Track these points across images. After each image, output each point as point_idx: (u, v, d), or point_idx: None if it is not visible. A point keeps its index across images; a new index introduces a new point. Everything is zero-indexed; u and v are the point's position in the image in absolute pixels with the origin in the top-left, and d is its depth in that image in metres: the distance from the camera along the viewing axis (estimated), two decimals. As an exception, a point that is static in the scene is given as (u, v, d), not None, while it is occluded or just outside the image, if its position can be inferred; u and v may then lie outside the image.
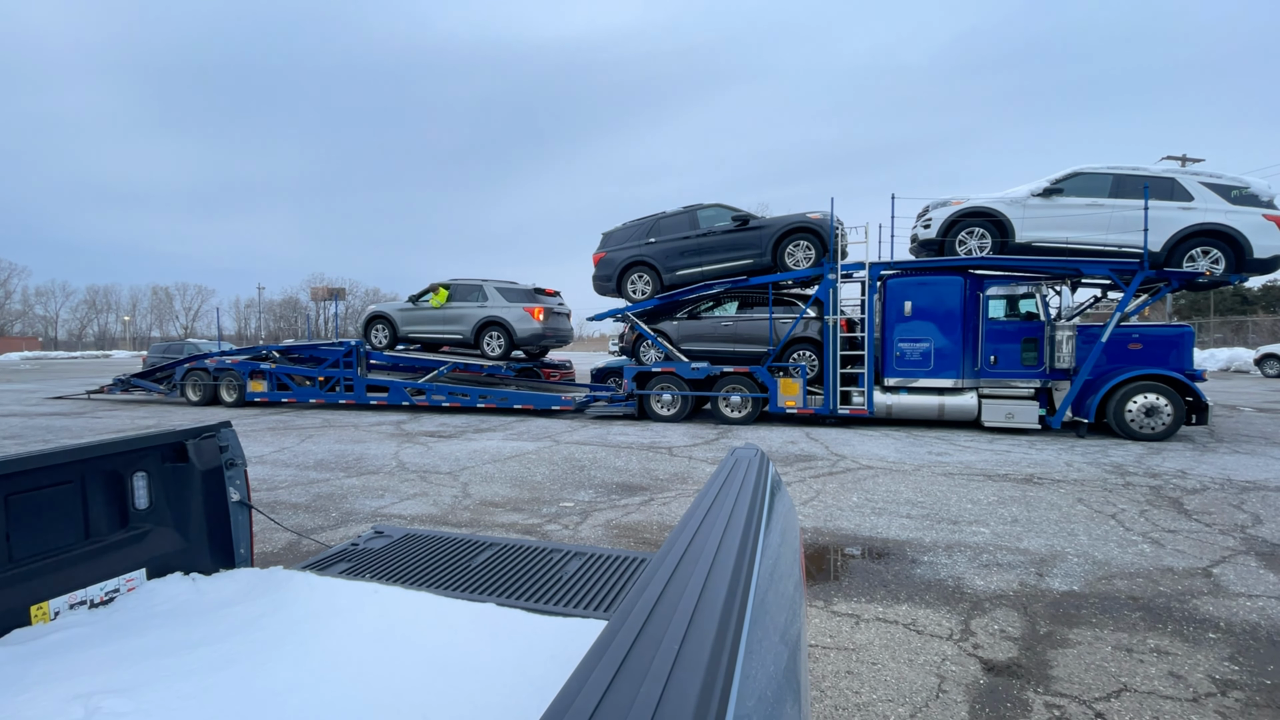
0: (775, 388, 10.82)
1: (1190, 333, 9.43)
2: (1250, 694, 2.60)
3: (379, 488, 6.38)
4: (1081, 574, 3.96)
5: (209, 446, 2.21)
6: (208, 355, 15.48)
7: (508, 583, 2.13)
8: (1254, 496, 5.75)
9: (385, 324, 14.00)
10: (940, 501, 5.68)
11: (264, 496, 6.04)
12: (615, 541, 4.67)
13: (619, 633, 0.69)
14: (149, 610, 1.87)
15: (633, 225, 12.30)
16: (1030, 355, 9.78)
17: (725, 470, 1.41)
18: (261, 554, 4.41)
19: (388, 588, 2.02)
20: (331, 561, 2.36)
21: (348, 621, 1.78)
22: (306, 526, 5.08)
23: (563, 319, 13.88)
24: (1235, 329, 35.83)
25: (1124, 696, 2.60)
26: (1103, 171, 9.64)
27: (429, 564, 2.35)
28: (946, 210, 10.29)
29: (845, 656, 2.95)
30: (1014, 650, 3.00)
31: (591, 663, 0.62)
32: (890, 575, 3.96)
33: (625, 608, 0.76)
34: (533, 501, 5.80)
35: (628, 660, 0.62)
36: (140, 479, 2.06)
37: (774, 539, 1.16)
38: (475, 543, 2.59)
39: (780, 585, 1.07)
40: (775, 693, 0.77)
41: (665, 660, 0.62)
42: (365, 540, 2.64)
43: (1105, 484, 6.31)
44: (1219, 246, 9.11)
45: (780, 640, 0.92)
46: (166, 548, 2.14)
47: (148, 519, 2.10)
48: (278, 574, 2.13)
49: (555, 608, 1.92)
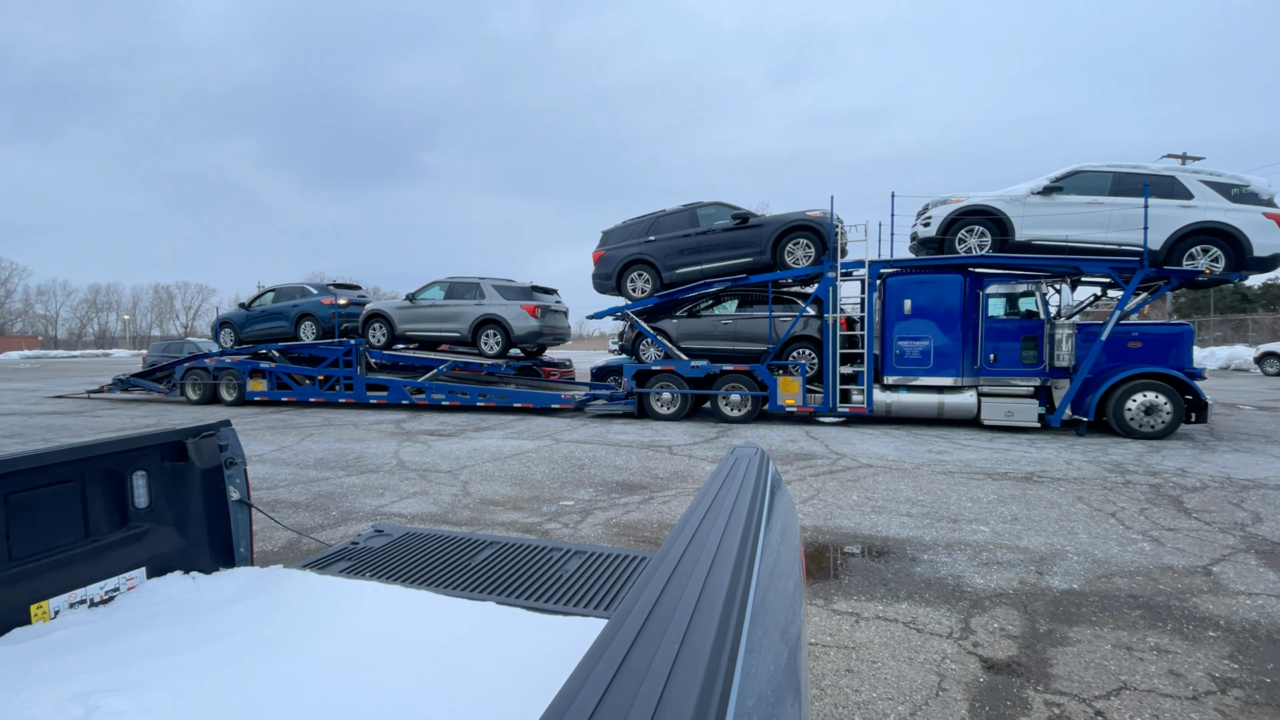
0: (775, 386, 10.81)
1: (1189, 331, 9.44)
2: (1250, 692, 2.61)
3: (379, 486, 6.38)
4: (1081, 572, 3.96)
5: (209, 445, 2.20)
6: (207, 355, 15.47)
7: (508, 582, 2.13)
8: (1254, 495, 5.75)
9: (383, 322, 13.99)
10: (940, 500, 5.68)
11: (264, 495, 6.04)
12: (615, 540, 4.67)
13: (619, 632, 0.69)
14: (149, 609, 1.87)
15: (632, 223, 12.29)
16: (1030, 353, 9.78)
17: (725, 469, 1.41)
18: (262, 553, 4.41)
19: (387, 586, 2.01)
20: (331, 560, 2.35)
21: (347, 620, 1.77)
22: (307, 525, 5.08)
23: (560, 317, 13.87)
24: (1235, 327, 35.84)
25: (1124, 695, 2.61)
26: (1103, 170, 9.63)
27: (429, 563, 2.34)
28: (946, 208, 10.29)
29: (845, 655, 2.95)
30: (1014, 648, 3.01)
31: (591, 662, 0.62)
32: (890, 574, 3.96)
33: (625, 607, 0.75)
34: (533, 500, 5.80)
35: (628, 659, 0.62)
36: (140, 478, 2.05)
37: (774, 538, 1.16)
38: (475, 541, 2.58)
39: (780, 584, 1.07)
40: (775, 692, 0.77)
41: (665, 660, 0.62)
42: (365, 539, 2.64)
43: (1105, 482, 6.31)
44: (1219, 244, 9.11)
45: (780, 639, 0.92)
46: (166, 546, 2.13)
47: (147, 518, 2.09)
48: (277, 573, 2.12)
49: (555, 606, 1.92)
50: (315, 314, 14.48)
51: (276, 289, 15.42)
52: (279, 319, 14.94)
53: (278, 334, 15.02)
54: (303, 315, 14.68)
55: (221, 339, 14.88)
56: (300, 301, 14.81)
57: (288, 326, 14.81)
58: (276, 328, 15.00)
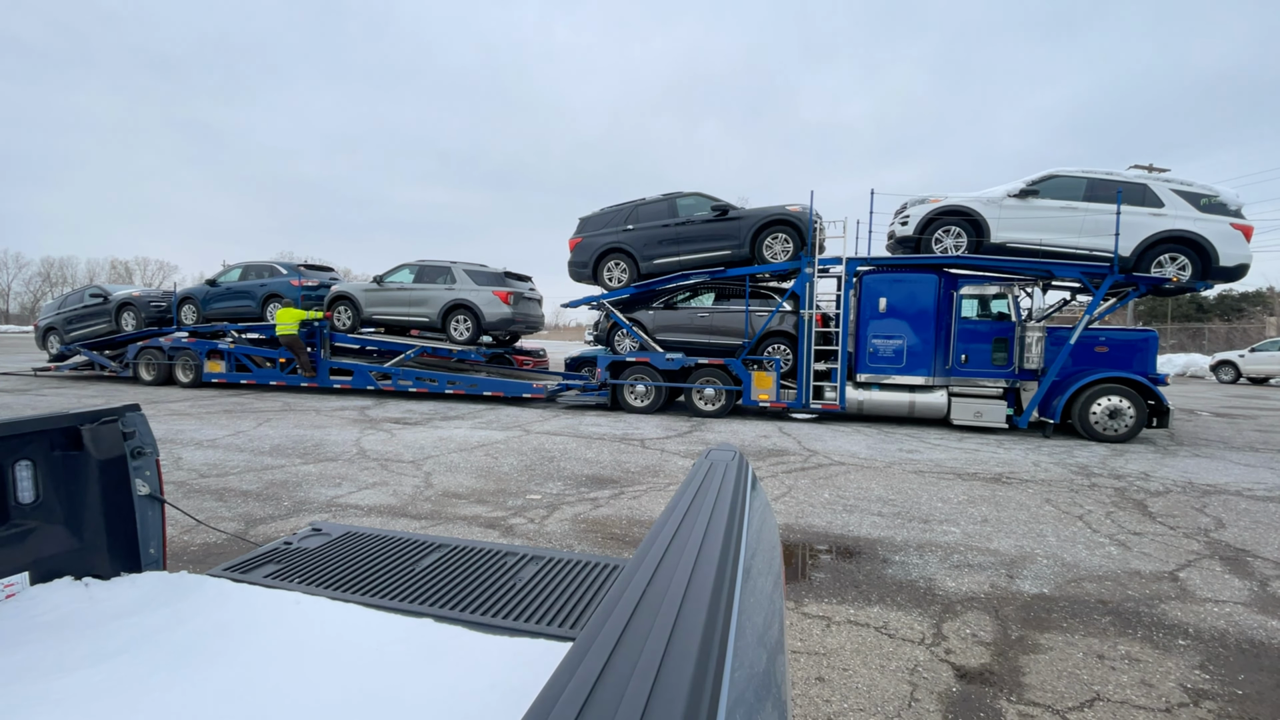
0: (749, 381, 10.75)
1: (1154, 337, 9.61)
2: (1223, 704, 2.56)
3: (336, 476, 6.11)
4: (1051, 576, 3.93)
5: (109, 433, 1.95)
6: (162, 332, 14.77)
7: (452, 592, 1.93)
8: (1216, 500, 5.83)
9: (349, 305, 13.52)
10: (911, 500, 5.64)
11: (213, 483, 5.73)
12: (583, 537, 4.51)
13: (585, 657, 0.58)
14: (28, 621, 1.62)
15: (611, 211, 12.06)
16: (1000, 355, 9.87)
17: (701, 473, 1.26)
18: (203, 547, 4.15)
19: (311, 597, 1.79)
20: (257, 564, 2.11)
21: (259, 637, 1.55)
22: (256, 516, 4.81)
23: (534, 305, 13.59)
24: (1192, 335, 37.06)
25: (1097, 706, 2.54)
26: (1077, 175, 9.72)
27: (366, 568, 2.11)
28: (924, 208, 10.29)
29: (816, 662, 2.84)
30: (986, 656, 2.93)
31: (551, 697, 0.51)
32: (862, 575, 3.88)
33: (593, 628, 0.64)
34: (498, 493, 5.60)
35: (595, 694, 0.52)
36: (24, 468, 1.80)
37: (758, 555, 1.01)
38: (423, 544, 2.37)
39: (765, 607, 0.93)
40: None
41: (639, 693, 0.52)
42: (300, 539, 2.39)
43: (1071, 485, 6.36)
44: (1186, 253, 9.26)
45: (765, 671, 0.78)
46: (56, 548, 1.88)
47: (33, 514, 1.84)
48: (185, 579, 1.88)
49: (506, 623, 1.72)
50: (284, 295, 13.87)
51: (245, 265, 14.69)
52: (245, 298, 14.28)
53: (243, 313, 14.37)
54: (271, 295, 14.03)
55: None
56: (269, 281, 14.17)
57: (254, 306, 14.16)
58: (241, 306, 14.33)
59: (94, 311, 15.36)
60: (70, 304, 15.89)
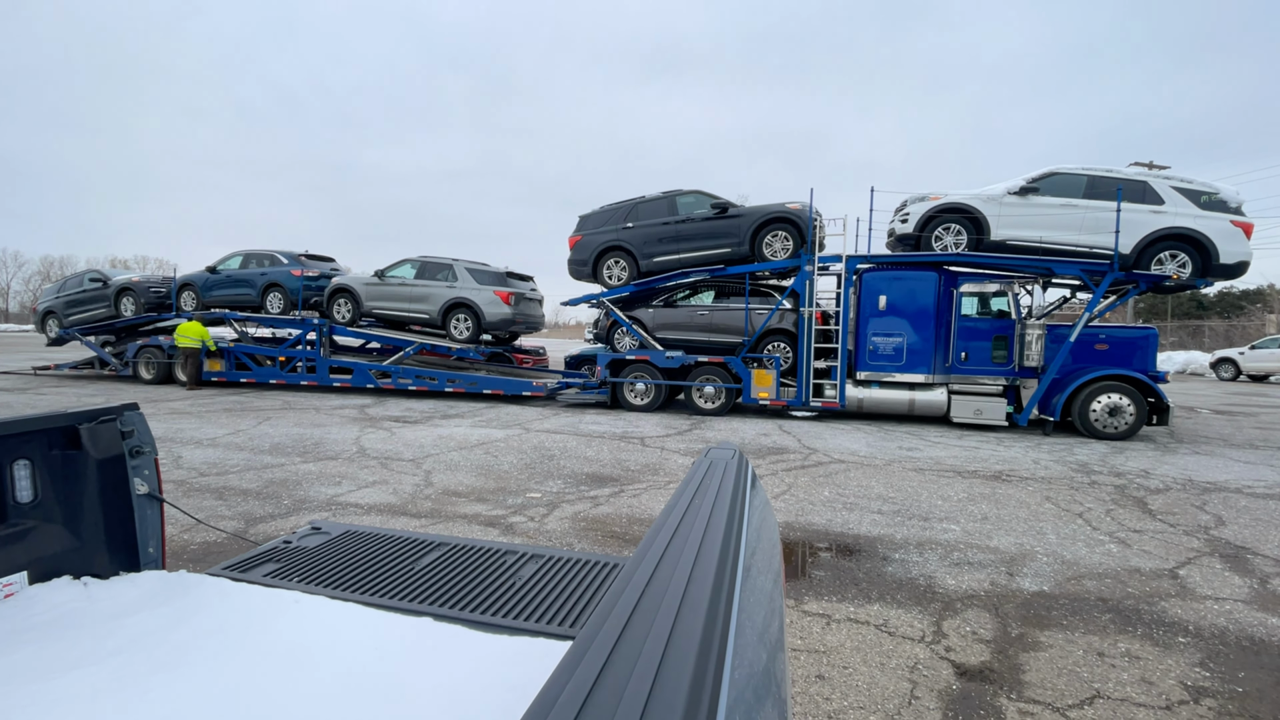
0: (749, 379, 10.74)
1: (1154, 335, 9.60)
2: (1223, 702, 2.56)
3: (336, 474, 6.11)
4: (1051, 574, 3.92)
5: (107, 432, 1.95)
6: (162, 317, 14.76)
7: (452, 591, 1.92)
8: (1215, 498, 5.83)
9: (348, 298, 13.47)
10: (911, 497, 5.64)
11: (213, 481, 5.73)
12: (583, 535, 4.51)
13: (585, 656, 0.58)
14: (26, 621, 1.62)
15: (610, 209, 12.05)
16: (1000, 353, 9.86)
17: (700, 471, 1.26)
18: (203, 545, 4.15)
19: (310, 596, 1.79)
20: (256, 563, 2.11)
21: (258, 636, 1.55)
22: (256, 514, 4.81)
23: (534, 305, 13.58)
24: (1191, 333, 37.08)
25: (1097, 704, 2.54)
26: (1078, 172, 9.71)
27: (366, 567, 2.11)
28: (924, 205, 10.28)
29: (816, 659, 2.84)
30: (986, 654, 2.93)
31: (550, 697, 0.51)
32: (862, 573, 3.88)
33: (593, 627, 0.64)
34: (498, 492, 5.60)
35: (593, 694, 0.51)
36: (22, 468, 1.79)
37: (758, 554, 1.01)
38: (423, 542, 2.36)
39: (765, 605, 0.93)
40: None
41: (638, 693, 0.52)
42: (299, 538, 2.39)
43: (1072, 482, 6.36)
44: (1187, 251, 9.26)
45: (766, 669, 0.78)
46: (55, 548, 1.87)
47: (31, 514, 1.83)
48: (185, 578, 1.88)
49: (506, 622, 1.72)
50: (284, 285, 13.74)
51: (245, 253, 14.52)
52: (245, 286, 14.12)
53: (242, 302, 14.25)
54: (270, 285, 13.88)
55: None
56: (270, 270, 14.01)
57: (254, 295, 14.02)
58: (241, 295, 14.17)
59: (93, 296, 15.26)
60: (70, 288, 15.78)
